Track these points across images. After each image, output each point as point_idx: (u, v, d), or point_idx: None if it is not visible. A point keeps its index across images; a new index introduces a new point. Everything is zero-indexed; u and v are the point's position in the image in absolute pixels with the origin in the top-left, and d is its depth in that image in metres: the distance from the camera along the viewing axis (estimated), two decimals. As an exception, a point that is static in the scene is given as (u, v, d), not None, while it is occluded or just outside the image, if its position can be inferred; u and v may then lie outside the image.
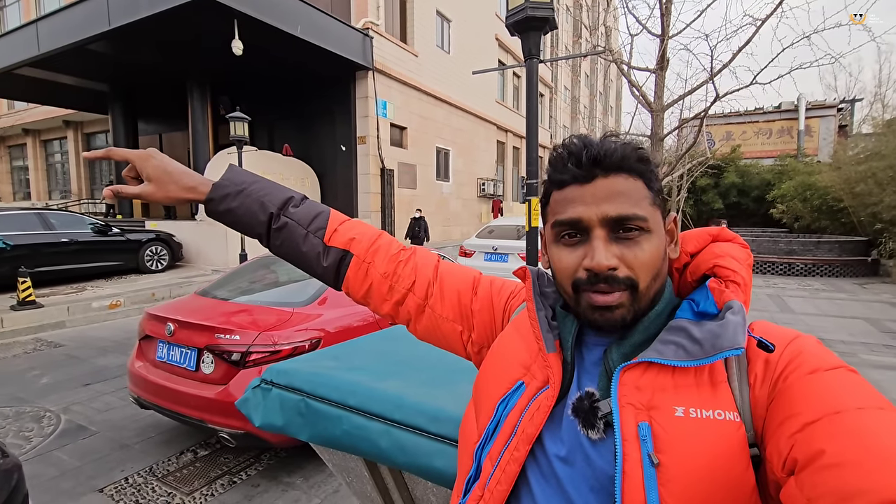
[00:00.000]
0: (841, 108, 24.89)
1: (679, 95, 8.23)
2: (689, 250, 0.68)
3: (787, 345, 0.54)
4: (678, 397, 0.54)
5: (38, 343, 5.45)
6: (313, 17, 10.17)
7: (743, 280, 0.62)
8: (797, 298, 8.24)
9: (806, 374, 0.50)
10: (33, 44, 10.49)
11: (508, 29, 2.88)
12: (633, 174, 0.60)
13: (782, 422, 0.49)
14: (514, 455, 0.60)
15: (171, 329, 2.72)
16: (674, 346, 0.56)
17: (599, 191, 0.59)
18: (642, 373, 0.56)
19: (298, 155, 12.63)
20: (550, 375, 0.62)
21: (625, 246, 0.58)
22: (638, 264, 0.58)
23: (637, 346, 0.60)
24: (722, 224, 19.47)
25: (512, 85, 22.20)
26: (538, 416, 0.61)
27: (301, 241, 0.83)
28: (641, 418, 0.53)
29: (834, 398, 0.47)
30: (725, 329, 0.54)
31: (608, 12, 8.71)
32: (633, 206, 0.58)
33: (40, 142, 21.79)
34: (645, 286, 0.59)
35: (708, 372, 0.55)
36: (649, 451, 0.51)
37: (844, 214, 12.75)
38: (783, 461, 0.47)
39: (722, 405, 0.53)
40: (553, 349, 0.64)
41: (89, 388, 3.99)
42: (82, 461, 2.84)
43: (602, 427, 0.56)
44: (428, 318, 0.84)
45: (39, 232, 7.53)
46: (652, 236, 0.59)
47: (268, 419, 1.48)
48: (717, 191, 20.88)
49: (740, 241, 0.68)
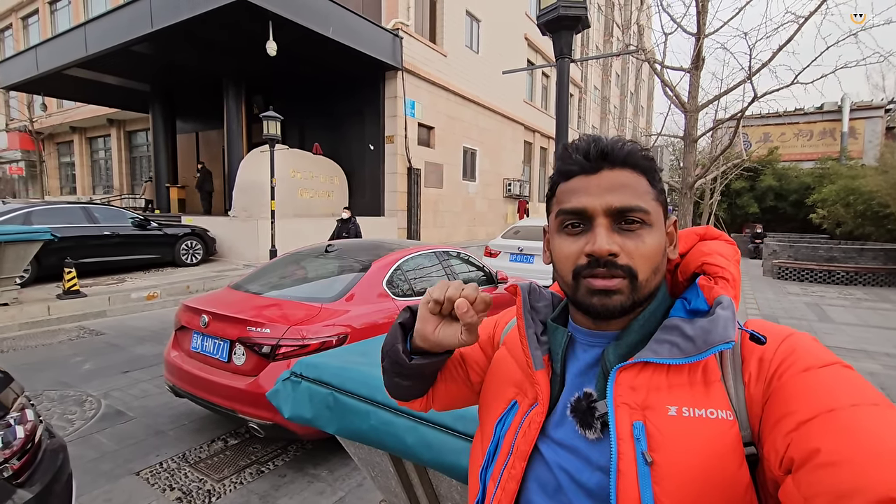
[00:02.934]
0: (889, 108, 23.61)
1: (714, 96, 7.99)
2: (679, 250, 0.69)
3: (782, 342, 0.55)
4: (671, 397, 0.55)
5: (80, 331, 5.73)
6: (345, 18, 10.33)
7: (731, 276, 0.64)
8: (837, 308, 7.88)
9: (800, 371, 0.51)
10: (81, 45, 11.02)
11: (540, 28, 2.86)
12: (638, 170, 0.61)
13: (778, 420, 0.49)
14: (512, 473, 0.62)
15: (205, 321, 2.82)
16: (668, 345, 0.57)
17: (604, 182, 0.60)
18: (637, 373, 0.57)
19: (328, 153, 12.85)
20: (539, 392, 0.64)
21: (626, 237, 0.60)
22: (638, 254, 0.59)
23: (633, 345, 0.61)
24: (756, 228, 18.78)
25: (541, 85, 21.98)
26: (530, 432, 0.62)
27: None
28: (636, 418, 0.54)
29: (828, 395, 0.47)
30: (716, 324, 0.55)
31: (641, 10, 8.52)
32: (636, 199, 0.59)
33: (86, 139, 22.83)
34: (644, 277, 0.60)
35: (702, 371, 0.56)
36: (643, 449, 0.52)
37: (891, 221, 12.13)
38: (780, 460, 0.48)
39: (714, 404, 0.54)
40: (541, 366, 0.65)
41: (127, 376, 4.17)
42: (120, 445, 2.97)
43: (599, 427, 0.57)
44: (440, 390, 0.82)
45: (84, 225, 7.92)
46: (653, 230, 0.60)
47: (297, 411, 1.52)
48: (753, 194, 20.19)
49: (726, 239, 0.71)
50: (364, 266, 3.30)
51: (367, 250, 3.68)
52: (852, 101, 23.00)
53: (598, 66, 31.71)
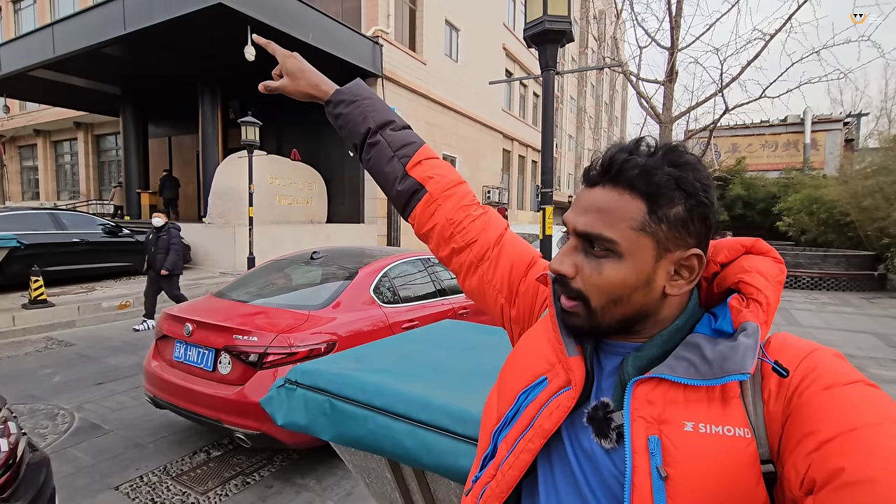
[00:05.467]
0: (847, 122, 24.91)
1: (688, 107, 8.29)
2: (720, 260, 0.66)
3: (803, 359, 0.54)
4: (688, 412, 0.54)
5: (48, 342, 5.50)
6: (325, 24, 10.30)
7: (766, 300, 0.60)
8: (804, 311, 8.22)
9: (822, 389, 0.50)
10: (49, 46, 10.65)
11: (525, 41, 2.93)
12: (635, 192, 0.57)
13: (799, 440, 0.48)
14: (529, 446, 0.62)
15: (189, 329, 2.76)
16: (686, 363, 0.56)
17: (587, 200, 0.60)
18: (654, 386, 0.56)
19: (307, 160, 12.73)
20: (573, 377, 0.63)
21: (589, 261, 0.59)
22: (590, 283, 0.59)
23: (653, 359, 0.59)
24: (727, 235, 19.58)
25: (518, 94, 22.34)
26: (557, 413, 0.61)
27: (386, 161, 0.90)
28: (652, 432, 0.54)
29: (850, 414, 0.46)
30: (735, 352, 0.54)
31: (616, 24, 8.79)
32: (602, 226, 0.57)
33: (50, 142, 22.00)
34: (597, 305, 0.59)
35: (720, 387, 0.55)
36: (658, 464, 0.52)
37: (851, 228, 12.71)
38: (801, 481, 0.47)
39: (732, 421, 0.53)
40: (575, 353, 0.65)
41: (101, 388, 4.03)
42: (97, 459, 2.87)
43: (615, 438, 0.56)
44: (478, 279, 0.86)
45: (52, 231, 7.62)
46: (622, 262, 0.57)
47: (291, 418, 1.51)
48: (723, 203, 20.86)
49: (774, 256, 0.65)
50: (350, 273, 3.29)
51: (352, 257, 3.67)
52: (814, 115, 24.17)
53: (573, 77, 32.41)
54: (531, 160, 23.90)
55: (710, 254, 0.64)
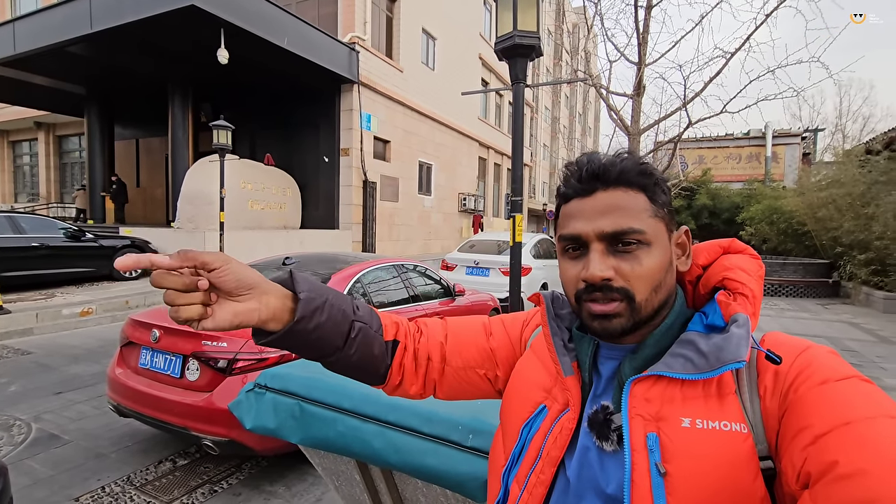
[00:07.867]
0: (805, 136, 26.27)
1: (654, 120, 8.59)
2: (701, 262, 0.68)
3: (798, 356, 0.55)
4: (685, 408, 0.55)
5: (4, 350, 5.26)
6: (301, 29, 10.26)
7: (751, 292, 0.63)
8: (764, 317, 8.57)
9: (816, 384, 0.51)
10: (9, 43, 10.26)
11: (497, 54, 3.02)
12: (634, 187, 0.61)
13: (795, 434, 0.49)
14: (541, 478, 0.62)
15: (156, 335, 2.71)
16: (682, 360, 0.57)
17: (598, 205, 0.61)
18: (651, 385, 0.58)
19: (280, 165, 12.58)
20: (570, 398, 0.64)
21: (622, 258, 0.60)
22: (634, 276, 0.59)
23: (649, 359, 0.61)
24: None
25: (494, 103, 22.66)
26: (561, 438, 0.62)
27: (373, 344, 0.72)
28: (650, 429, 0.55)
29: (845, 408, 0.47)
30: (729, 342, 0.56)
31: (588, 38, 9.07)
32: (629, 220, 0.59)
33: (8, 143, 21.10)
34: (642, 298, 0.60)
35: (716, 384, 0.56)
36: (657, 460, 0.53)
37: (808, 238, 13.31)
38: (797, 475, 0.48)
39: (728, 416, 0.54)
40: (570, 372, 0.66)
41: (61, 397, 3.88)
42: (56, 470, 2.77)
43: (616, 439, 0.58)
44: (450, 377, 0.80)
45: (8, 235, 7.30)
46: (652, 249, 0.60)
47: (260, 422, 1.52)
48: (690, 212, 21.58)
49: (751, 253, 0.69)
50: (323, 279, 3.29)
51: (325, 263, 3.67)
52: (774, 129, 25.39)
53: (548, 88, 33.08)
54: (506, 168, 24.24)
55: (692, 257, 0.69)
